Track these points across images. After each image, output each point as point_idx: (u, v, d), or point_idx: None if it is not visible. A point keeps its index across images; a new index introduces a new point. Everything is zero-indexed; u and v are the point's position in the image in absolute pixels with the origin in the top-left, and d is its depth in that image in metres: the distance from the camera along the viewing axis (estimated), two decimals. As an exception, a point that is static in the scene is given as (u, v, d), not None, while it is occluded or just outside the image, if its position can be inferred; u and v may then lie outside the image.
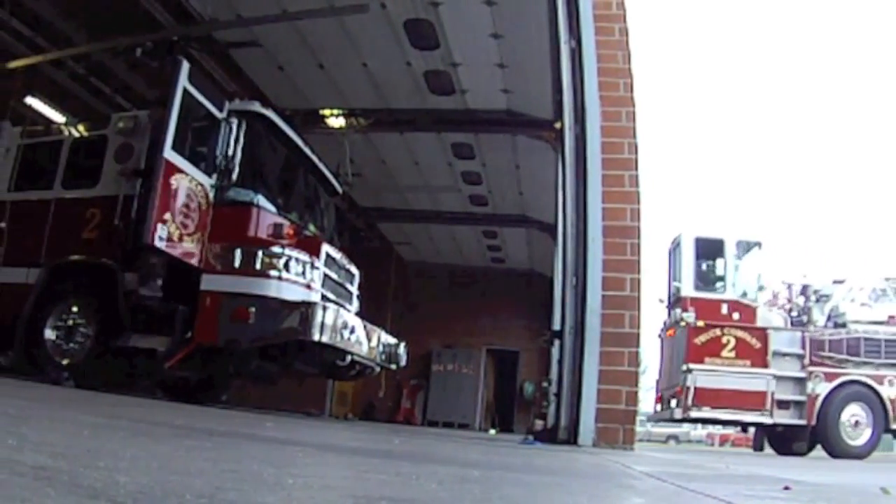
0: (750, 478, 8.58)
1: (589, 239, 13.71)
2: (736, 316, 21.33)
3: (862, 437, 20.64)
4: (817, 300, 23.02)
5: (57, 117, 20.15)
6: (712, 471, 9.63)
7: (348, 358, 13.63)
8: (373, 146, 24.94)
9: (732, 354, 20.98)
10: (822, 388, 20.67)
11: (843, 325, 21.93)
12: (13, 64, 18.37)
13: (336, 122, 22.55)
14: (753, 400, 20.59)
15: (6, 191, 14.69)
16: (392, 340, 15.79)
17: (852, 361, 21.03)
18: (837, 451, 20.25)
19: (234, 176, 13.47)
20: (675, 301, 22.32)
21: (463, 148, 24.88)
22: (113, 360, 12.66)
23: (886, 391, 20.75)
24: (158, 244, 12.06)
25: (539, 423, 16.08)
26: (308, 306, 12.75)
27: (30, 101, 20.01)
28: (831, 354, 21.16)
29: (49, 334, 13.09)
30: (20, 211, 14.41)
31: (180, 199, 12.58)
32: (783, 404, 20.85)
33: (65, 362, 12.89)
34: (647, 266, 15.05)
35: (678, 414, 21.64)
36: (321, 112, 22.40)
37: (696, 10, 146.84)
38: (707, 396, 20.49)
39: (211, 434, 6.55)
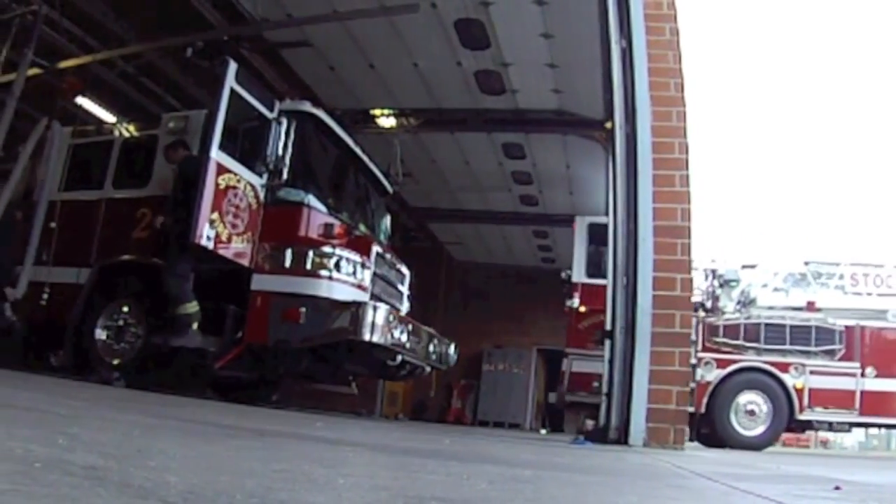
0: (801, 478, 8.50)
1: (640, 239, 13.63)
2: None
3: (758, 428, 20.27)
4: (721, 285, 22.83)
5: (107, 117, 20.27)
6: (763, 470, 9.55)
7: (399, 358, 13.66)
8: (423, 146, 24.96)
9: None
10: (713, 375, 20.34)
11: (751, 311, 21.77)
12: (64, 64, 18.48)
13: (387, 121, 22.58)
14: None
15: (57, 191, 14.79)
16: (442, 340, 15.78)
17: (754, 348, 20.80)
18: (728, 440, 19.89)
19: (285, 176, 13.50)
20: (569, 287, 22.09)
21: (513, 148, 24.86)
22: (163, 361, 12.71)
23: (791, 379, 20.47)
24: (205, 243, 12.09)
25: (590, 423, 16.03)
26: (359, 306, 12.75)
27: (80, 100, 20.12)
28: (726, 340, 20.93)
29: (99, 334, 13.19)
30: (71, 211, 14.52)
31: (229, 198, 12.61)
32: None
33: (115, 362, 12.99)
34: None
35: (553, 398, 21.59)
36: (372, 112, 22.44)
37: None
38: (583, 381, 20.05)
39: (261, 434, 6.56)
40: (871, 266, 24.57)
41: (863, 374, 20.27)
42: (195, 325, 12.35)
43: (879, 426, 24.78)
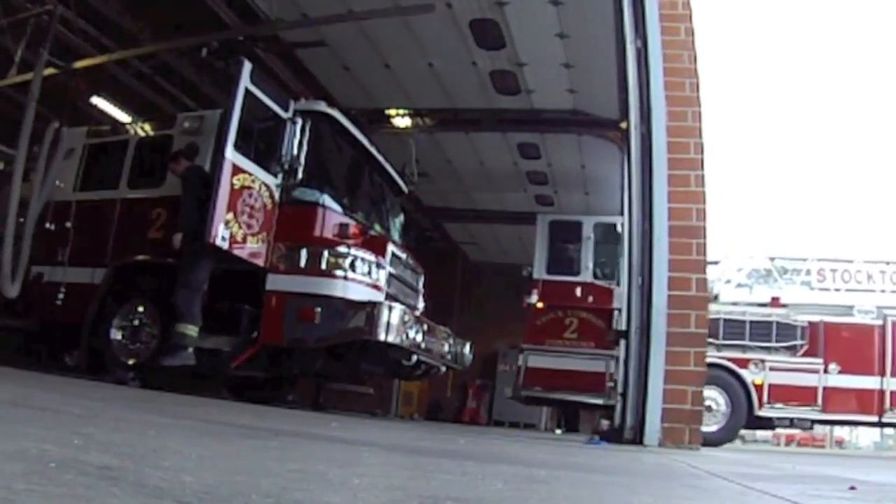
0: (816, 477, 8.50)
1: (655, 239, 13.64)
2: (591, 298, 21.14)
3: (715, 423, 20.38)
4: None
5: (122, 117, 20.31)
6: (778, 470, 9.56)
7: (414, 358, 13.66)
8: (438, 146, 24.95)
9: (575, 336, 20.83)
10: None
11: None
12: (79, 63, 18.51)
13: (402, 121, 22.56)
14: (591, 381, 20.16)
15: (72, 191, 14.81)
16: (458, 340, 15.78)
17: (713, 344, 20.34)
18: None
19: (300, 176, 13.52)
20: (529, 284, 22.10)
21: (529, 148, 24.84)
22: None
23: (750, 375, 20.54)
24: (220, 244, 12.09)
25: (605, 423, 16.02)
26: (374, 306, 12.76)
27: (95, 100, 20.16)
28: None
29: (115, 334, 13.20)
30: (86, 211, 14.55)
31: (244, 199, 12.61)
32: None
33: (130, 362, 13.01)
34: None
35: (508, 393, 21.57)
36: (387, 112, 22.42)
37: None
38: (540, 376, 20.27)
39: (276, 434, 6.57)
40: (840, 262, 24.64)
41: (826, 371, 20.25)
42: (190, 349, 12.29)
43: (842, 423, 24.85)
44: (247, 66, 12.79)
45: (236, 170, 12.44)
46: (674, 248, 13.76)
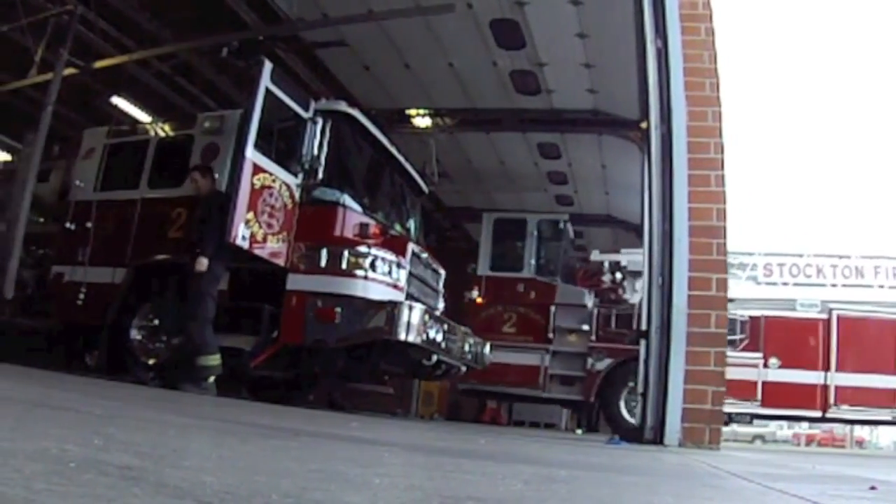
0: (836, 478, 8.49)
1: (675, 239, 13.63)
2: (532, 294, 21.36)
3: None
4: (624, 278, 22.85)
5: (143, 117, 20.35)
6: (798, 470, 9.55)
7: (434, 357, 13.65)
8: (459, 146, 24.99)
9: (514, 330, 21.06)
10: (604, 365, 20.30)
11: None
12: (100, 64, 18.56)
13: (422, 121, 22.57)
14: (526, 375, 20.53)
15: (92, 191, 14.82)
16: (478, 340, 15.78)
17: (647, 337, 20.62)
18: (618, 429, 19.49)
19: (320, 175, 13.52)
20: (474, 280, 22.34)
21: (549, 148, 24.86)
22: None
23: None
24: (241, 243, 12.10)
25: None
26: (394, 306, 12.76)
27: (115, 100, 20.21)
28: (619, 330, 21.01)
29: (135, 334, 13.21)
30: (106, 211, 14.54)
31: (264, 198, 12.63)
32: (566, 380, 20.84)
33: (150, 362, 13.03)
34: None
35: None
36: (407, 112, 22.44)
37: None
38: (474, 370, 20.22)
39: (297, 434, 6.57)
40: (788, 256, 24.68)
41: (765, 365, 20.21)
42: (212, 379, 12.21)
43: (783, 418, 24.91)
44: (267, 66, 12.81)
45: (257, 169, 12.45)
46: (694, 248, 13.74)
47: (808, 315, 23.87)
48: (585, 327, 20.65)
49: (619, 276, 22.83)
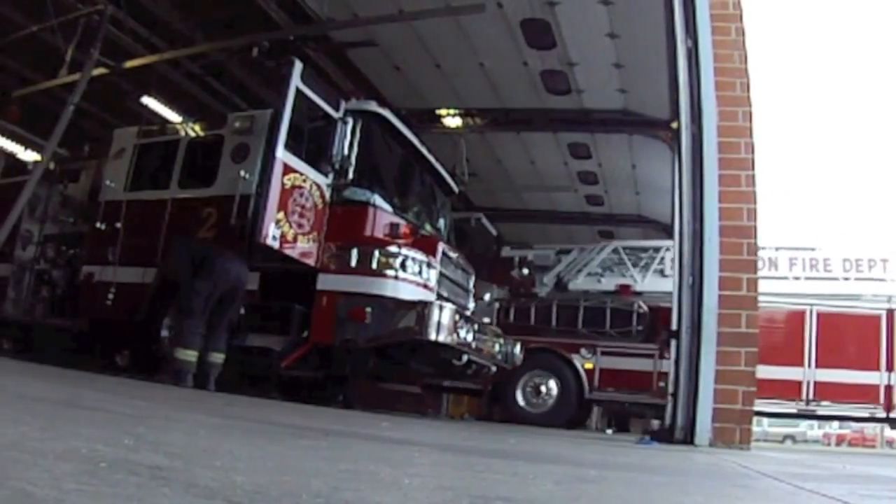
0: (866, 477, 8.45)
1: (705, 239, 13.62)
2: None
3: (546, 406, 20.62)
4: (531, 272, 23.32)
5: (173, 117, 20.40)
6: (828, 470, 9.52)
7: (464, 357, 13.63)
8: (489, 146, 25.00)
9: None
10: None
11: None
12: (130, 63, 18.62)
13: (452, 121, 22.60)
14: None
15: (122, 190, 14.86)
16: (508, 340, 15.76)
17: (546, 330, 21.28)
18: (515, 418, 20.19)
19: (351, 175, 13.51)
20: None
21: (579, 148, 24.84)
22: (231, 360, 12.73)
23: (580, 360, 20.72)
24: (271, 243, 12.11)
25: (656, 423, 15.98)
26: (424, 306, 12.74)
27: (145, 100, 20.26)
28: (519, 323, 21.29)
29: (165, 334, 13.20)
30: (136, 211, 14.58)
31: (294, 198, 12.63)
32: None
33: (181, 361, 13.04)
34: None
35: None
36: (437, 112, 22.46)
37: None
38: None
39: (327, 434, 6.57)
40: None
41: (661, 356, 20.12)
42: (190, 375, 12.06)
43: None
44: (298, 66, 12.80)
45: (287, 169, 12.45)
46: (724, 248, 13.73)
47: None
48: (487, 319, 20.58)
49: (525, 271, 23.34)
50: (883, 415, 21.75)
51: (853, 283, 27.02)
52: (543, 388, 20.58)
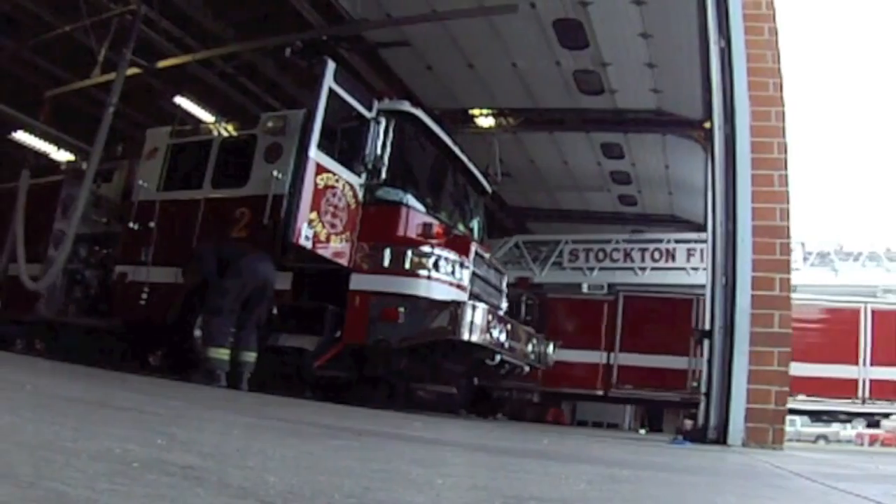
0: (900, 478, 8.39)
1: (738, 239, 13.58)
2: None
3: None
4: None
5: (205, 116, 20.45)
6: (862, 471, 9.44)
7: (497, 357, 13.60)
8: (522, 146, 25.01)
9: None
10: None
11: None
12: (163, 63, 18.68)
13: (485, 121, 22.65)
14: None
15: (155, 190, 14.89)
16: (541, 340, 15.75)
17: None
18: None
19: (384, 175, 13.53)
20: None
21: (612, 148, 24.86)
22: (263, 360, 12.73)
23: None
24: (304, 243, 12.12)
25: (689, 423, 15.94)
26: (457, 306, 12.77)
27: (178, 100, 20.31)
28: None
29: (198, 334, 13.20)
30: (169, 210, 14.60)
31: (327, 198, 12.64)
32: None
33: (213, 361, 13.05)
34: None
35: None
36: (470, 112, 22.51)
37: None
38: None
39: (359, 434, 6.57)
40: (595, 242, 25.04)
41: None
42: (223, 377, 12.03)
43: (565, 397, 25.23)
44: (331, 66, 12.81)
45: (320, 169, 12.49)
46: (757, 248, 13.68)
47: (593, 296, 25.06)
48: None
49: None
50: None
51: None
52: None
